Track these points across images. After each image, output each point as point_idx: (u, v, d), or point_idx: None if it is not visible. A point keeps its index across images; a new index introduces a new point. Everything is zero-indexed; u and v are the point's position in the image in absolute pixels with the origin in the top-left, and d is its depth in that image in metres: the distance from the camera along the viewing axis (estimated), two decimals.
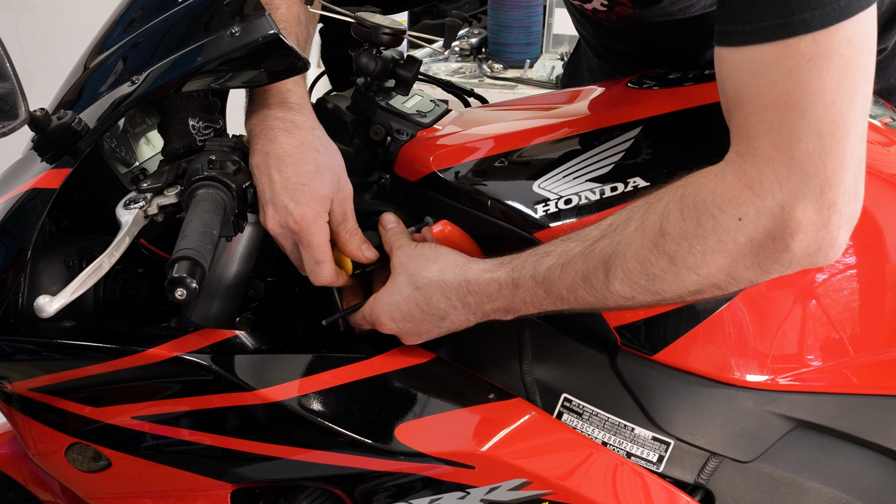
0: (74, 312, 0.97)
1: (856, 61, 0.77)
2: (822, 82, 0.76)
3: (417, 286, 0.93)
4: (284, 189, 0.94)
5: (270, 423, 0.94)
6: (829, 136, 0.76)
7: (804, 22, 0.75)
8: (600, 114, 1.05)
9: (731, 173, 0.80)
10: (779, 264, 0.80)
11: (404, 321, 0.95)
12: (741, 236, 0.79)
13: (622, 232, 0.84)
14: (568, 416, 0.96)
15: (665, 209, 0.82)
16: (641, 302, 0.85)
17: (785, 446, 0.95)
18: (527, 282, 0.88)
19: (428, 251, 0.94)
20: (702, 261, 0.80)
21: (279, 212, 0.94)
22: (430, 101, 1.11)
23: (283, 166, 0.94)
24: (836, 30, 0.75)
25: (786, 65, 0.76)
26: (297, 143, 0.95)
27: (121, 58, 1.02)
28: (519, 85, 3.07)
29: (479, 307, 0.91)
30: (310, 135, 0.96)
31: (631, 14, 1.11)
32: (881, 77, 1.30)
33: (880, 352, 0.98)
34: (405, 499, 0.95)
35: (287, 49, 0.92)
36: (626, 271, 0.83)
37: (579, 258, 0.85)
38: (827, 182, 0.77)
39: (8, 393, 1.01)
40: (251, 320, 1.12)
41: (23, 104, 0.94)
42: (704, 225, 0.80)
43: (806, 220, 0.78)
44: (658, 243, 0.81)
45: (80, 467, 1.02)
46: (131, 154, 1.13)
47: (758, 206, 0.78)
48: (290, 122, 0.96)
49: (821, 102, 0.76)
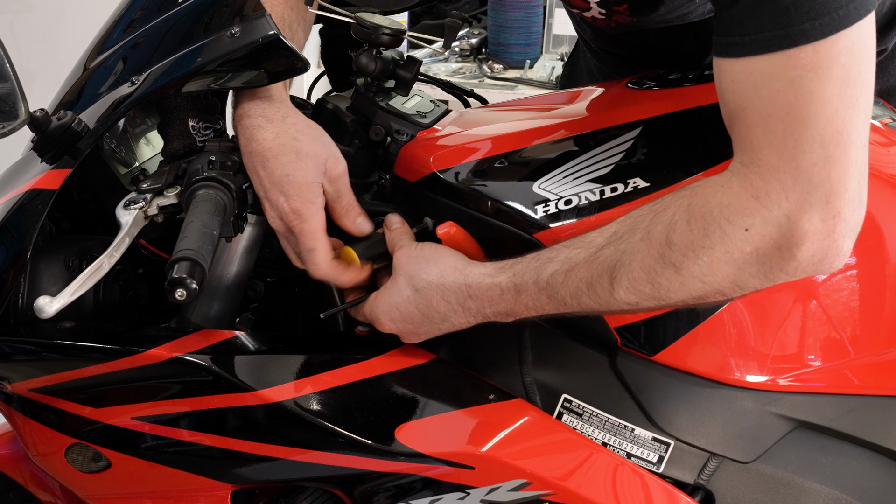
0: (74, 313, 0.97)
1: (856, 70, 0.77)
2: (824, 92, 0.76)
3: (417, 288, 0.93)
4: (272, 183, 0.94)
5: (270, 424, 0.94)
6: (832, 146, 0.77)
7: (804, 32, 0.75)
8: (600, 114, 1.05)
9: (738, 184, 0.80)
10: (784, 273, 0.80)
11: (404, 322, 0.94)
12: (748, 246, 0.79)
13: (627, 240, 0.84)
14: (568, 417, 0.96)
15: (671, 219, 0.82)
16: (645, 308, 0.85)
17: (785, 447, 0.95)
18: (529, 287, 0.87)
19: (428, 253, 0.94)
20: (708, 270, 0.81)
21: (273, 206, 0.95)
22: (429, 102, 1.11)
23: (266, 161, 0.94)
24: (836, 39, 0.75)
25: (787, 76, 0.76)
26: (273, 137, 0.94)
27: (121, 58, 1.02)
28: (519, 85, 3.07)
29: (479, 311, 0.91)
30: (282, 125, 0.96)
31: (629, 22, 1.11)
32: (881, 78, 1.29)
33: (880, 352, 0.98)
34: (405, 499, 0.95)
35: (287, 49, 0.92)
36: (631, 280, 0.83)
37: (583, 265, 0.85)
38: (832, 191, 0.77)
39: (8, 393, 1.02)
40: (251, 321, 1.12)
41: (23, 105, 0.94)
42: (712, 236, 0.80)
43: (812, 230, 0.78)
44: (664, 253, 0.81)
45: (79, 468, 1.02)
46: (131, 155, 1.13)
47: (764, 216, 0.78)
48: (262, 118, 0.95)
49: (823, 112, 0.76)
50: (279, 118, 0.96)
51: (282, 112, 0.97)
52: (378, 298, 0.96)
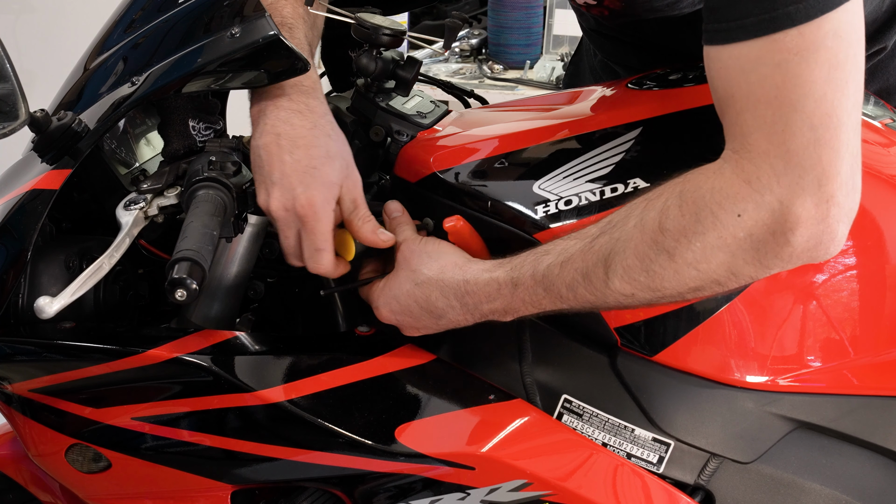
0: (74, 313, 0.97)
1: (844, 53, 0.77)
2: (812, 75, 0.76)
3: (417, 283, 0.93)
4: (294, 171, 0.91)
5: (270, 424, 0.94)
6: (822, 129, 0.77)
7: (788, 16, 0.75)
8: (600, 114, 1.05)
9: (729, 170, 0.80)
10: (779, 259, 0.80)
11: (402, 314, 0.95)
12: (740, 232, 0.79)
13: (621, 228, 0.84)
14: (568, 417, 0.96)
15: (664, 205, 0.82)
16: (641, 300, 0.85)
17: (785, 447, 0.95)
18: (526, 280, 0.87)
19: (431, 248, 0.94)
20: (701, 256, 0.80)
21: (285, 194, 0.91)
22: (430, 102, 1.11)
23: (295, 148, 0.92)
24: (821, 22, 0.75)
25: (773, 59, 0.77)
26: (311, 126, 0.94)
27: (121, 59, 1.02)
28: (519, 86, 3.07)
29: (476, 307, 0.91)
30: (322, 119, 0.95)
31: (620, 9, 1.11)
32: (880, 77, 1.30)
33: (880, 352, 0.98)
34: (405, 500, 0.95)
35: (287, 50, 0.92)
36: (625, 268, 0.83)
37: (578, 255, 0.85)
38: (824, 174, 0.77)
39: (8, 394, 1.02)
40: (251, 321, 1.12)
41: (23, 105, 0.94)
42: (704, 221, 0.80)
43: (805, 214, 0.78)
44: (657, 239, 0.81)
45: (80, 468, 1.02)
46: (131, 155, 1.13)
47: (756, 201, 0.78)
48: (304, 105, 0.95)
49: (811, 95, 0.76)
50: (321, 112, 0.96)
51: (323, 108, 0.97)
52: (379, 289, 0.96)
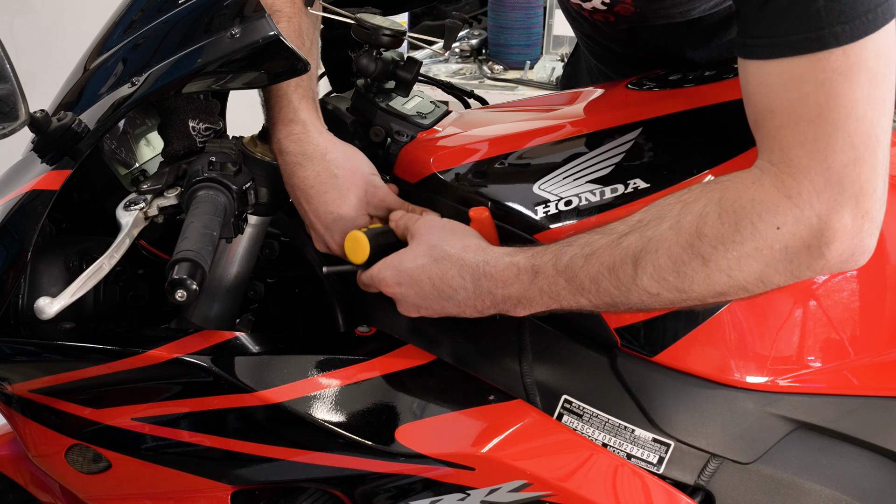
0: (75, 314, 0.97)
1: (882, 72, 0.78)
2: (854, 94, 0.77)
3: (435, 258, 0.91)
4: (317, 219, 0.99)
5: (270, 425, 0.94)
6: (862, 147, 0.78)
7: (835, 35, 0.76)
8: (600, 115, 1.05)
9: (769, 182, 0.81)
10: (810, 271, 0.81)
11: (409, 287, 0.92)
12: (777, 244, 0.80)
13: (655, 228, 0.84)
14: (568, 418, 0.96)
15: (703, 210, 0.82)
16: (665, 300, 0.84)
17: (785, 448, 0.95)
18: (547, 269, 0.87)
19: (455, 226, 0.94)
20: (735, 264, 0.81)
21: (318, 239, 1.01)
22: (430, 103, 1.11)
23: (309, 199, 0.98)
24: (865, 42, 0.76)
25: (817, 78, 0.77)
26: (314, 175, 0.98)
27: (121, 59, 1.02)
28: (519, 86, 3.07)
29: (490, 292, 0.89)
30: (322, 163, 0.98)
31: (631, 14, 1.11)
32: None
33: (880, 353, 0.98)
34: (405, 500, 0.95)
35: (287, 50, 0.92)
36: (656, 267, 0.83)
37: (605, 250, 0.85)
38: (862, 192, 0.79)
39: (8, 394, 1.02)
40: (251, 321, 1.12)
41: (23, 105, 0.94)
42: (743, 231, 0.80)
43: (842, 229, 0.79)
44: (693, 243, 0.82)
45: (80, 469, 1.02)
46: (131, 155, 1.13)
47: (796, 215, 0.79)
48: (301, 155, 0.98)
49: (853, 114, 0.77)
50: (318, 156, 0.98)
51: (320, 149, 0.98)
52: (389, 261, 0.94)
